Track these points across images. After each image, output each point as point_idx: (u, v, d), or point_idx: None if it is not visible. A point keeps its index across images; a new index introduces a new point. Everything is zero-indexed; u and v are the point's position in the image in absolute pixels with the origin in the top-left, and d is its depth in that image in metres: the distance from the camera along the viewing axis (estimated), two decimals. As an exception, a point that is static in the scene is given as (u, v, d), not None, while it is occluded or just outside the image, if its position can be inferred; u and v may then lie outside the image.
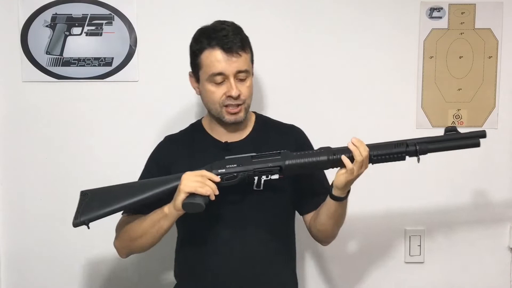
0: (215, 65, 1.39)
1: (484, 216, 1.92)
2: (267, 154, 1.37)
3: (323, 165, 1.36)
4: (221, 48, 1.38)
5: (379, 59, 1.86)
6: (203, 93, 1.46)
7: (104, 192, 1.40)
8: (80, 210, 1.37)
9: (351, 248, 1.92)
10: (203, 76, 1.43)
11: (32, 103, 1.83)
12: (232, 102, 1.41)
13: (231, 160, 1.37)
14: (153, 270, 1.88)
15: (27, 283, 1.88)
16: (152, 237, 1.39)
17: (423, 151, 1.37)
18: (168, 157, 1.50)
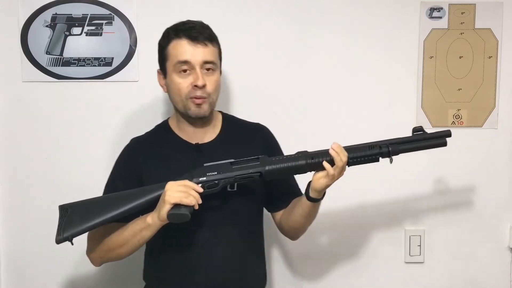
0: (182, 53, 1.39)
1: (484, 216, 1.92)
2: (246, 160, 1.38)
3: (302, 169, 1.38)
4: (187, 38, 1.39)
5: (379, 59, 1.86)
6: (170, 87, 1.45)
7: (85, 206, 1.37)
8: (61, 226, 1.35)
9: (351, 248, 1.92)
10: (170, 68, 1.42)
11: (32, 103, 1.83)
12: (198, 93, 1.40)
13: (211, 168, 1.37)
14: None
15: (27, 283, 1.88)
16: (132, 247, 1.39)
17: (395, 152, 1.42)
18: (138, 160, 1.48)
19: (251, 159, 1.38)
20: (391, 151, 1.41)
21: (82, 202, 1.39)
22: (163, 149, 1.48)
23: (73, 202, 1.40)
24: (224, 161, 1.38)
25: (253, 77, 1.84)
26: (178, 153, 1.46)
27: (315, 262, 1.93)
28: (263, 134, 1.58)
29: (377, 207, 1.90)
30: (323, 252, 1.93)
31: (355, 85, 1.87)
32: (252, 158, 1.39)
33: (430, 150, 1.86)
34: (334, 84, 1.87)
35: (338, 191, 1.46)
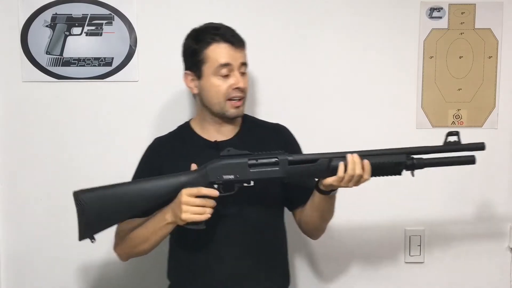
0: (223, 57, 1.43)
1: (484, 216, 1.92)
2: (264, 163, 1.34)
3: (322, 173, 1.35)
4: (228, 42, 1.44)
5: (379, 59, 1.86)
6: (206, 88, 1.46)
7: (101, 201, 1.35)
8: (82, 224, 1.34)
9: (351, 248, 1.92)
10: (208, 71, 1.44)
11: (32, 103, 1.83)
12: (237, 94, 1.44)
13: (227, 167, 1.34)
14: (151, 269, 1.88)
15: (27, 283, 1.88)
16: (154, 243, 1.42)
17: (420, 165, 1.35)
18: (159, 159, 1.51)
19: (269, 162, 1.34)
20: (416, 164, 1.34)
21: (98, 196, 1.36)
22: (183, 147, 1.51)
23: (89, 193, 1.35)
24: (241, 158, 1.34)
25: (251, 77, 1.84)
26: (197, 150, 1.49)
27: (314, 261, 1.93)
28: (282, 134, 1.59)
29: (377, 207, 1.90)
30: (323, 251, 1.92)
31: (355, 85, 1.87)
32: (271, 158, 1.34)
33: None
34: (333, 84, 1.87)
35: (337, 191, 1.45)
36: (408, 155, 1.34)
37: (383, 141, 1.85)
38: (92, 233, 1.34)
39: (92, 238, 1.35)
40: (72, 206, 1.84)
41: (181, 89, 1.83)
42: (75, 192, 1.36)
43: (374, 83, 1.87)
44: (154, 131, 1.82)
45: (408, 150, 1.35)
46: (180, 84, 1.82)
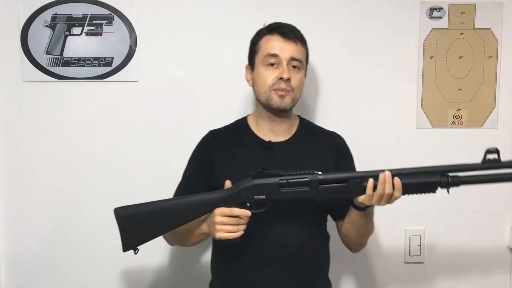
0: (272, 46, 1.46)
1: (484, 216, 1.92)
2: (295, 182, 1.33)
3: (353, 194, 1.34)
4: (279, 34, 1.47)
5: (379, 59, 1.86)
6: (256, 78, 1.49)
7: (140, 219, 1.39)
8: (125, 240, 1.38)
9: (351, 248, 1.92)
10: (258, 60, 1.48)
11: (32, 103, 1.83)
12: (282, 85, 1.44)
13: (258, 188, 1.33)
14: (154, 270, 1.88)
15: (27, 283, 1.88)
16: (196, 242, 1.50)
17: (455, 183, 1.31)
18: (210, 153, 1.52)
19: (300, 182, 1.33)
20: (451, 182, 1.30)
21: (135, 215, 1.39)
22: (235, 143, 1.52)
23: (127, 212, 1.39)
24: (271, 179, 1.33)
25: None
26: (249, 148, 1.49)
27: (315, 262, 1.93)
28: (337, 143, 1.58)
29: (377, 207, 1.90)
30: (323, 252, 1.93)
31: (355, 85, 1.87)
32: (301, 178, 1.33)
33: (431, 147, 1.89)
34: (333, 84, 1.87)
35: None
36: (443, 174, 1.31)
37: (383, 141, 1.87)
38: (134, 246, 1.39)
39: (135, 250, 1.39)
40: (72, 206, 1.86)
41: (181, 89, 1.84)
42: (116, 209, 1.39)
43: (374, 83, 1.87)
44: (154, 131, 1.83)
45: (444, 168, 1.32)
46: (180, 84, 1.84)
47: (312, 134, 1.57)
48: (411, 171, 1.33)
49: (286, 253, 1.43)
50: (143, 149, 1.82)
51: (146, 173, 1.84)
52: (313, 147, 1.52)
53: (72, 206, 1.85)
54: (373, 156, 1.78)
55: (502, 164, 1.30)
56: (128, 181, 1.83)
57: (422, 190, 1.33)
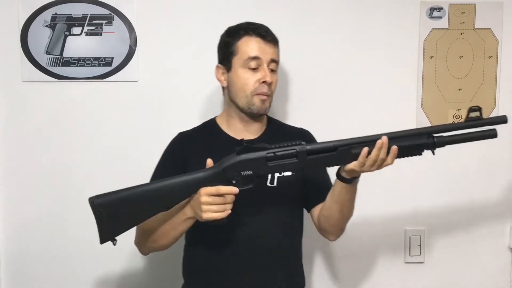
0: (253, 49, 1.44)
1: (484, 216, 1.92)
2: (283, 154, 1.30)
3: (342, 161, 1.32)
4: (259, 36, 1.45)
5: (379, 59, 1.86)
6: (234, 81, 1.46)
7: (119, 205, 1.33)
8: (101, 229, 1.33)
9: (351, 248, 1.92)
10: (237, 62, 1.45)
11: (32, 103, 1.83)
12: (263, 90, 1.44)
13: (244, 163, 1.30)
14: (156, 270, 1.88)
15: (27, 283, 1.88)
16: (173, 239, 1.42)
17: (440, 143, 1.31)
18: (184, 153, 1.50)
19: (288, 154, 1.30)
20: (437, 142, 1.30)
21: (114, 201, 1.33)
22: (208, 143, 1.51)
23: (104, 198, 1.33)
24: (258, 152, 1.30)
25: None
26: (223, 148, 1.46)
27: (314, 262, 1.93)
28: (306, 138, 1.55)
29: (377, 207, 1.90)
30: (323, 252, 1.93)
31: (355, 85, 1.87)
32: (289, 150, 1.30)
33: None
34: (333, 84, 1.87)
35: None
36: (429, 135, 1.31)
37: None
38: (113, 236, 1.33)
39: (113, 241, 1.34)
40: (72, 206, 1.86)
41: (181, 89, 1.84)
42: (90, 198, 1.34)
43: (374, 83, 1.87)
44: (154, 131, 1.83)
45: (429, 129, 1.32)
46: (180, 83, 1.84)
47: (281, 131, 1.58)
48: (398, 134, 1.32)
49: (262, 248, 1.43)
50: (143, 149, 1.82)
51: (146, 173, 1.83)
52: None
53: (72, 206, 1.85)
54: (373, 156, 1.79)
55: (484, 121, 1.30)
56: (128, 181, 1.82)
57: (409, 153, 1.32)
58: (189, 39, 1.83)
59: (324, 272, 1.94)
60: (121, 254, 1.72)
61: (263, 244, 1.44)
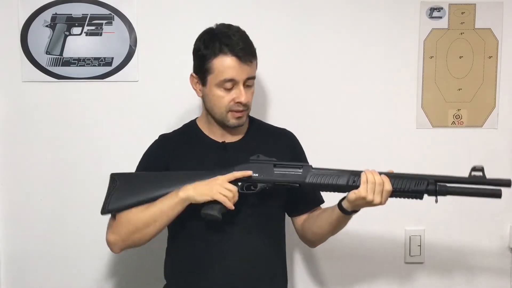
0: (228, 71, 1.40)
1: (484, 216, 1.92)
2: (289, 165, 1.40)
3: (342, 188, 1.37)
4: (235, 56, 1.40)
5: (379, 59, 1.86)
6: (209, 97, 1.46)
7: (133, 180, 1.43)
8: (109, 198, 1.41)
9: (351, 248, 1.91)
10: (212, 81, 1.43)
11: (32, 103, 1.83)
12: (239, 108, 1.43)
13: (254, 166, 1.39)
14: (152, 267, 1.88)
15: (27, 283, 1.88)
16: (159, 226, 1.39)
17: (442, 192, 1.35)
18: (165, 156, 1.50)
19: (294, 165, 1.40)
20: (438, 190, 1.34)
21: (131, 175, 1.46)
22: (190, 146, 1.51)
23: (122, 173, 1.46)
24: (267, 160, 1.40)
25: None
26: (205, 150, 1.49)
27: (314, 261, 1.93)
28: (288, 139, 1.60)
29: (377, 207, 1.90)
30: (323, 252, 1.92)
31: (355, 85, 1.87)
32: (295, 164, 1.40)
33: (431, 147, 1.89)
34: (333, 84, 1.87)
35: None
36: (429, 182, 1.35)
37: (384, 140, 1.87)
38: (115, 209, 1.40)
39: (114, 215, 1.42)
40: (72, 206, 1.86)
41: (181, 89, 1.83)
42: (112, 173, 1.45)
43: (374, 83, 1.87)
44: (154, 131, 1.82)
45: (431, 178, 1.35)
46: (180, 84, 1.83)
47: (263, 132, 1.58)
48: (401, 175, 1.37)
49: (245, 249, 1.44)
50: (143, 149, 1.82)
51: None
52: (265, 144, 1.52)
53: (72, 206, 1.85)
54: (373, 156, 1.79)
55: (487, 181, 1.33)
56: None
57: (409, 196, 1.38)
58: (189, 39, 1.82)
59: (324, 272, 1.93)
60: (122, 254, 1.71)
61: (247, 245, 1.44)
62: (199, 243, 1.44)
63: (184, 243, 1.48)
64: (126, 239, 1.41)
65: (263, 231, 1.47)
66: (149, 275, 1.84)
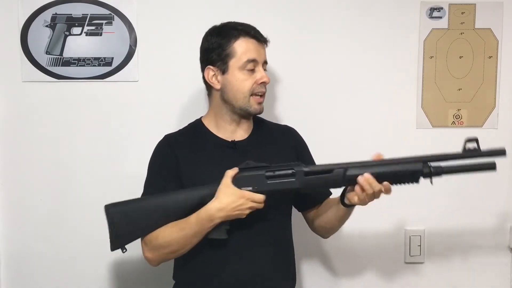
0: (251, 52, 1.44)
1: (484, 216, 1.92)
2: (280, 174, 1.37)
3: (337, 184, 1.37)
4: (253, 37, 1.45)
5: (379, 59, 1.86)
6: (232, 83, 1.45)
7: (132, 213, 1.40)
8: (113, 236, 1.39)
9: (351, 248, 1.92)
10: (235, 65, 1.44)
11: (32, 103, 1.83)
12: (261, 90, 1.46)
13: (245, 180, 1.36)
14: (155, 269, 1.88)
15: (27, 282, 1.88)
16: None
17: (438, 173, 1.33)
18: (173, 155, 1.48)
19: (286, 174, 1.36)
20: (433, 172, 1.32)
21: (128, 209, 1.40)
22: (199, 145, 1.50)
23: (118, 207, 1.40)
24: (259, 170, 1.37)
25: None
26: (216, 150, 1.48)
27: (314, 261, 1.93)
28: (292, 135, 1.60)
29: (377, 207, 1.90)
30: (323, 252, 1.93)
31: (355, 85, 1.87)
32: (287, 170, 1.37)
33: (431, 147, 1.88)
34: (333, 83, 1.87)
35: (337, 191, 1.45)
36: (425, 163, 1.32)
37: (383, 141, 1.87)
38: (123, 244, 1.40)
39: (123, 249, 1.40)
40: (72, 206, 1.86)
41: (181, 89, 1.84)
42: (106, 206, 1.40)
43: (374, 83, 1.87)
44: (154, 131, 1.82)
45: (425, 158, 1.33)
46: (180, 84, 1.84)
47: (268, 130, 1.58)
48: (394, 161, 1.34)
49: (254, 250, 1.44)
50: (143, 149, 1.81)
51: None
52: (271, 142, 1.54)
53: (72, 206, 1.85)
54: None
55: (482, 153, 1.30)
56: (129, 181, 1.83)
57: (404, 180, 1.34)
58: (189, 39, 1.82)
59: (324, 272, 1.93)
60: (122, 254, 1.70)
61: (254, 246, 1.44)
62: (206, 244, 1.43)
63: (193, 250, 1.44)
64: (164, 258, 1.45)
65: (270, 232, 1.46)
66: (152, 275, 1.85)
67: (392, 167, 1.33)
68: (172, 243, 1.39)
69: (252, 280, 1.44)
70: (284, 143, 1.55)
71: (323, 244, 1.90)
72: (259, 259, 1.45)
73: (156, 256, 1.43)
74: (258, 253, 1.45)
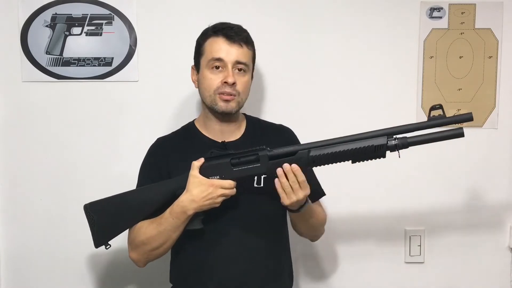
0: (217, 50, 1.44)
1: (484, 216, 1.92)
2: (245, 160, 1.35)
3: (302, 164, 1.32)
4: (224, 36, 1.44)
5: (379, 59, 1.86)
6: (201, 81, 1.48)
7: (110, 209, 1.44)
8: (94, 233, 1.44)
9: (351, 248, 1.92)
10: (203, 63, 1.46)
11: (32, 103, 1.83)
12: (227, 90, 1.43)
13: (212, 169, 1.36)
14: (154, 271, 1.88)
15: (27, 282, 1.88)
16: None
17: (404, 145, 1.27)
18: (165, 158, 1.50)
19: (251, 160, 1.35)
20: (398, 144, 1.27)
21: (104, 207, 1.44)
22: (190, 148, 1.51)
23: (96, 205, 1.44)
24: (223, 158, 1.36)
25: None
26: (204, 151, 1.47)
27: (314, 261, 1.93)
28: (286, 135, 1.60)
29: (377, 207, 1.90)
30: (323, 251, 1.93)
31: (355, 85, 1.87)
32: (251, 156, 1.35)
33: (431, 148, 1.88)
34: (334, 84, 1.87)
35: (337, 191, 1.46)
36: (389, 136, 1.28)
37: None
38: (106, 240, 1.44)
39: (106, 245, 1.44)
40: (72, 206, 1.85)
41: (181, 89, 1.84)
42: (85, 205, 1.44)
43: (374, 83, 1.87)
44: (154, 131, 1.82)
45: (390, 130, 1.29)
46: (180, 84, 1.84)
47: (262, 130, 1.58)
48: (357, 137, 1.32)
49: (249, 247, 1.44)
50: (143, 149, 1.82)
51: (146, 173, 1.84)
52: (264, 142, 1.49)
53: (72, 206, 1.84)
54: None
55: (448, 120, 1.28)
56: (129, 182, 1.83)
57: (370, 155, 1.30)
58: (189, 39, 1.81)
59: (324, 272, 1.94)
60: (122, 254, 1.71)
61: (249, 244, 1.45)
62: (201, 245, 1.44)
63: (186, 245, 1.47)
64: (147, 257, 1.46)
65: (265, 229, 1.47)
66: (153, 275, 1.85)
67: (356, 143, 1.30)
68: (153, 239, 1.40)
69: (249, 281, 1.44)
70: (278, 142, 1.51)
71: (323, 244, 1.90)
72: (256, 259, 1.45)
73: (139, 255, 1.45)
74: (255, 253, 1.45)
